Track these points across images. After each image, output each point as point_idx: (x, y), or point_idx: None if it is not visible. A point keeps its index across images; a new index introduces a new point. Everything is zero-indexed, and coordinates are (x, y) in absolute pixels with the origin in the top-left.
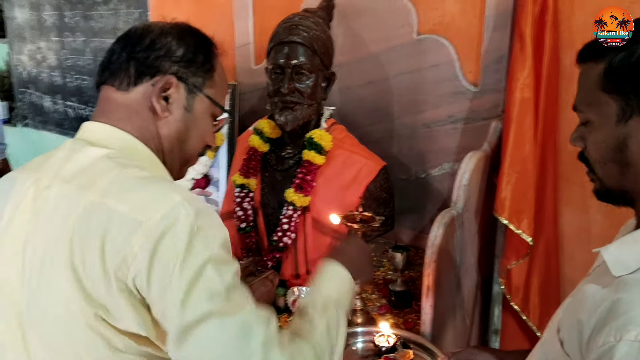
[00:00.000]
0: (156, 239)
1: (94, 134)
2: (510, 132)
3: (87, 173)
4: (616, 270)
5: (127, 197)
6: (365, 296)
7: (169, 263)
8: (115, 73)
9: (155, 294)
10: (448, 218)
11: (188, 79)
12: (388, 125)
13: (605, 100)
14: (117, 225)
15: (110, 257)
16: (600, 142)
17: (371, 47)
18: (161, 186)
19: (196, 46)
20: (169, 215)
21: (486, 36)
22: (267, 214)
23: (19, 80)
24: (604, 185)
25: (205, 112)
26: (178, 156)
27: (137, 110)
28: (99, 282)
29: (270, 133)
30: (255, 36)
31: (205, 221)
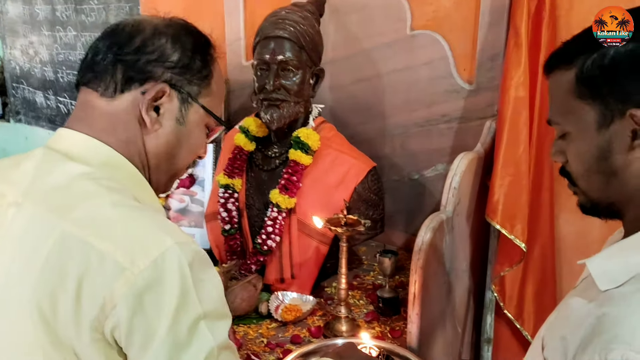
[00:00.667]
0: (141, 289)
1: (72, 145)
2: (503, 132)
3: (63, 195)
4: (602, 284)
5: (110, 234)
6: (352, 302)
7: (155, 320)
8: (99, 76)
9: (136, 351)
10: (436, 222)
11: (183, 87)
12: (380, 124)
13: (581, 108)
14: (97, 267)
15: (87, 304)
16: (582, 153)
17: (363, 43)
18: (151, 224)
19: (193, 50)
20: (158, 262)
21: (481, 32)
22: (252, 216)
23: (12, 75)
24: (589, 198)
25: (200, 124)
26: (165, 171)
27: (123, 121)
28: (70, 327)
29: (256, 131)
30: (246, 32)
31: (201, 271)
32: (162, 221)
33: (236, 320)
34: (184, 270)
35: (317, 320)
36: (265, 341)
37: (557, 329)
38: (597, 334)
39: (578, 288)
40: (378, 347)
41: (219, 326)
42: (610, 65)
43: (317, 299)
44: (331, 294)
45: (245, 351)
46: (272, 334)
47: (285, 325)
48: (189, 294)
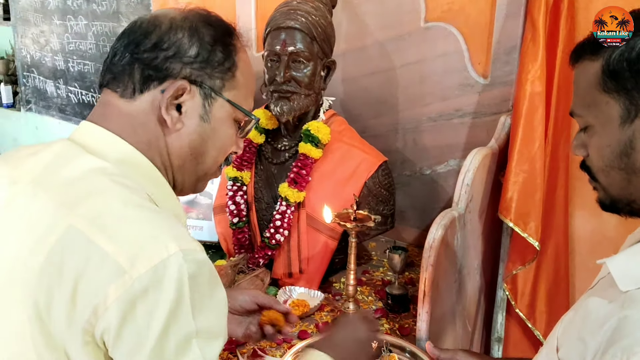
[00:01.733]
0: (136, 295)
1: (92, 138)
2: (518, 128)
3: (75, 188)
4: (623, 285)
5: (114, 233)
6: (361, 298)
7: (144, 329)
8: (117, 77)
9: (122, 357)
10: (448, 219)
11: (204, 82)
12: (392, 118)
13: (605, 101)
14: (96, 265)
15: (81, 304)
16: (603, 148)
17: (376, 34)
18: (158, 227)
19: (213, 41)
20: (158, 269)
21: (497, 25)
22: (260, 209)
23: (23, 64)
24: (608, 194)
25: (227, 119)
26: (192, 171)
27: (143, 122)
28: (63, 327)
29: (266, 124)
30: (257, 22)
31: (202, 283)
32: (172, 225)
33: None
34: (183, 282)
35: (324, 315)
36: None
37: (574, 330)
38: (620, 337)
39: (596, 288)
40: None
41: (212, 346)
42: (638, 59)
43: (325, 295)
44: (339, 289)
45: (252, 346)
46: None
47: None
48: (183, 308)
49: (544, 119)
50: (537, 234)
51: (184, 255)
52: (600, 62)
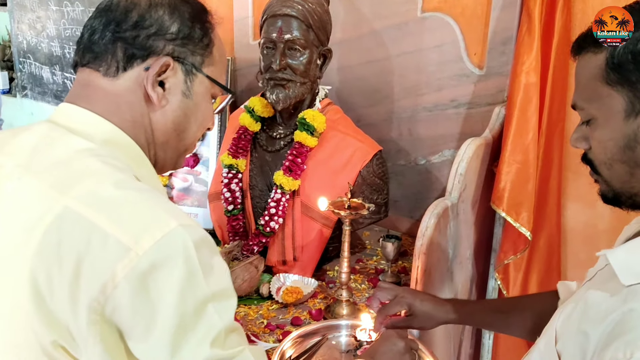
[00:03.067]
0: (145, 271)
1: (75, 120)
2: (512, 118)
3: (65, 170)
4: (625, 278)
5: (113, 213)
6: (354, 286)
7: (158, 302)
8: (99, 56)
9: (138, 335)
10: (441, 208)
11: (186, 58)
12: (388, 108)
13: (609, 94)
14: (99, 246)
15: (86, 283)
16: (607, 141)
17: (373, 24)
18: (155, 205)
19: (192, 18)
20: (163, 244)
21: (493, 16)
22: (255, 197)
23: (19, 49)
24: (611, 187)
25: (206, 95)
26: (174, 147)
27: (128, 100)
28: (66, 306)
29: (261, 112)
30: (254, 10)
31: (207, 253)
32: (167, 204)
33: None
34: (190, 252)
35: (318, 303)
36: (266, 322)
37: (574, 323)
38: (623, 331)
39: (594, 281)
40: None
41: (226, 307)
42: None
43: (318, 282)
44: (333, 277)
45: (245, 332)
46: (272, 316)
47: (286, 307)
48: (196, 275)
49: (538, 110)
50: (529, 223)
51: (185, 229)
52: (604, 54)
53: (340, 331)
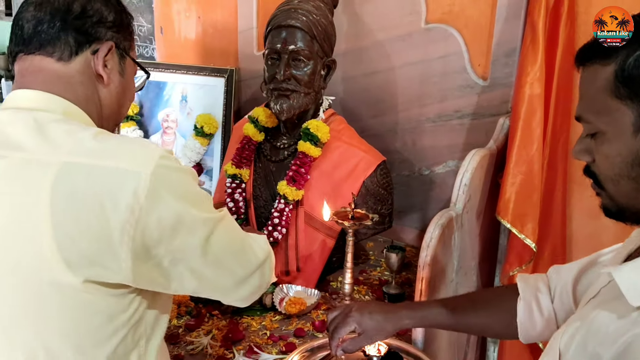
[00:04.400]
0: (158, 186)
1: (33, 100)
2: (517, 129)
3: (41, 136)
4: (634, 299)
5: (109, 154)
6: (358, 297)
7: (177, 207)
8: (50, 43)
9: (167, 238)
10: (445, 219)
11: (120, 43)
12: (392, 118)
13: (617, 108)
14: (113, 180)
15: (113, 211)
16: (614, 156)
17: (377, 35)
18: (133, 140)
19: (120, 9)
20: (161, 162)
21: (497, 27)
22: (258, 207)
23: None
24: (615, 202)
25: (132, 74)
26: (114, 120)
27: (80, 81)
28: (93, 242)
29: (265, 122)
30: (258, 21)
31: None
32: (139, 139)
33: (240, 311)
34: (177, 164)
35: (321, 314)
36: (269, 333)
37: (581, 344)
38: (635, 356)
39: (599, 299)
40: (387, 344)
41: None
42: None
43: (322, 293)
44: (336, 288)
45: (248, 343)
46: (275, 327)
47: (289, 318)
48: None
49: (543, 121)
50: (534, 235)
51: (165, 151)
52: (612, 66)
53: None
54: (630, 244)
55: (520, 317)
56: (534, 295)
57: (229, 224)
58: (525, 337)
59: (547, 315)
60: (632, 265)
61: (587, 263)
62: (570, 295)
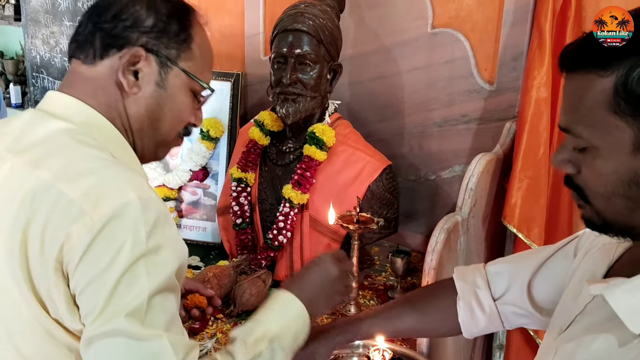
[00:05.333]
0: (95, 233)
1: (56, 105)
2: (523, 133)
3: (40, 147)
4: (635, 326)
5: (78, 182)
6: (363, 302)
7: (101, 262)
8: (81, 46)
9: (80, 289)
10: (451, 223)
11: (159, 50)
12: (398, 123)
13: (615, 125)
14: (62, 211)
15: (49, 244)
16: (608, 174)
17: (383, 39)
18: (118, 176)
19: (169, 14)
20: (116, 211)
21: (504, 32)
22: (264, 211)
23: (33, 64)
24: (602, 217)
25: (183, 88)
26: (150, 136)
27: (102, 86)
28: (39, 269)
29: (271, 126)
30: (265, 26)
31: (159, 233)
32: (131, 176)
33: (244, 315)
34: (139, 227)
35: (325, 318)
36: None
37: None
38: None
39: (588, 318)
40: (392, 350)
41: (158, 263)
42: None
43: None
44: None
45: None
46: None
47: None
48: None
49: (550, 125)
50: (541, 240)
51: (142, 203)
52: (612, 78)
53: (353, 351)
54: (608, 254)
55: (462, 317)
56: (472, 293)
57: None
58: (469, 334)
59: (489, 311)
60: (626, 288)
61: (536, 262)
62: (526, 298)
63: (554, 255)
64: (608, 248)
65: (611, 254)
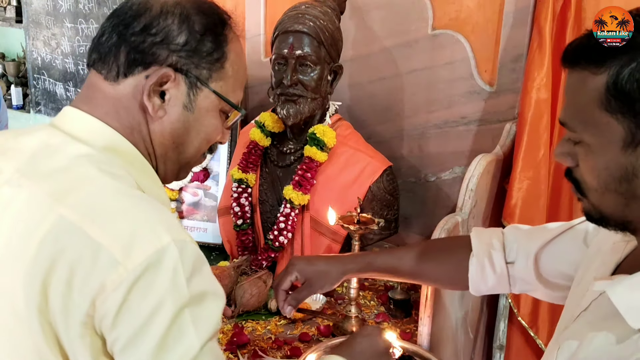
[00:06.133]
0: (132, 285)
1: (76, 125)
2: (523, 134)
3: (62, 177)
4: (634, 321)
5: (107, 224)
6: (363, 302)
7: (142, 315)
8: (103, 58)
9: (121, 346)
10: (451, 224)
11: (190, 71)
12: (398, 124)
13: (606, 121)
14: (91, 258)
15: (78, 297)
16: (600, 170)
17: (383, 41)
18: (150, 216)
19: (203, 30)
20: (153, 260)
21: (504, 33)
22: (264, 211)
23: (34, 66)
24: (598, 211)
25: (212, 110)
26: (174, 160)
27: (126, 107)
28: (57, 317)
29: (272, 127)
30: (266, 27)
31: (200, 282)
32: (163, 215)
33: (245, 315)
34: (178, 272)
35: (327, 319)
36: (274, 338)
37: None
38: None
39: (591, 315)
40: (402, 348)
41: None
42: None
43: (327, 298)
44: (342, 293)
45: (253, 347)
46: (280, 331)
47: (294, 322)
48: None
49: (550, 126)
50: None
51: (177, 246)
52: (604, 76)
53: None
54: (617, 252)
55: (472, 273)
56: (487, 252)
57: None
58: (476, 290)
59: (500, 272)
60: (627, 283)
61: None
62: (532, 269)
63: (564, 234)
64: (617, 247)
65: (620, 252)
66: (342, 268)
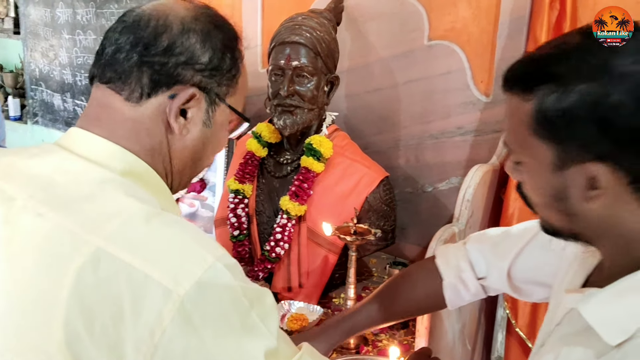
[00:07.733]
0: (190, 311)
1: (93, 148)
2: None
3: (89, 206)
4: (610, 337)
5: (148, 253)
6: None
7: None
8: (122, 78)
9: None
10: (448, 235)
11: (212, 89)
12: (394, 135)
13: (538, 145)
14: (139, 289)
15: (132, 326)
16: (537, 188)
17: (380, 52)
18: (188, 239)
19: (224, 48)
20: (203, 281)
21: (500, 44)
22: (261, 222)
23: (32, 77)
24: (550, 224)
25: (225, 123)
26: (189, 174)
27: (147, 128)
28: (104, 350)
29: (269, 137)
30: (263, 39)
31: (249, 287)
32: (197, 234)
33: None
34: (231, 283)
35: None
36: None
37: None
38: None
39: (564, 329)
40: None
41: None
42: (571, 108)
43: (324, 309)
44: (339, 304)
45: None
46: None
47: (291, 334)
48: (241, 301)
49: None
50: None
51: (220, 261)
52: (531, 104)
53: None
54: (587, 262)
55: (448, 297)
56: (457, 276)
57: None
58: (454, 307)
59: (475, 290)
60: (599, 299)
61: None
62: (506, 283)
63: (531, 243)
64: (586, 257)
65: (588, 263)
66: (330, 340)
